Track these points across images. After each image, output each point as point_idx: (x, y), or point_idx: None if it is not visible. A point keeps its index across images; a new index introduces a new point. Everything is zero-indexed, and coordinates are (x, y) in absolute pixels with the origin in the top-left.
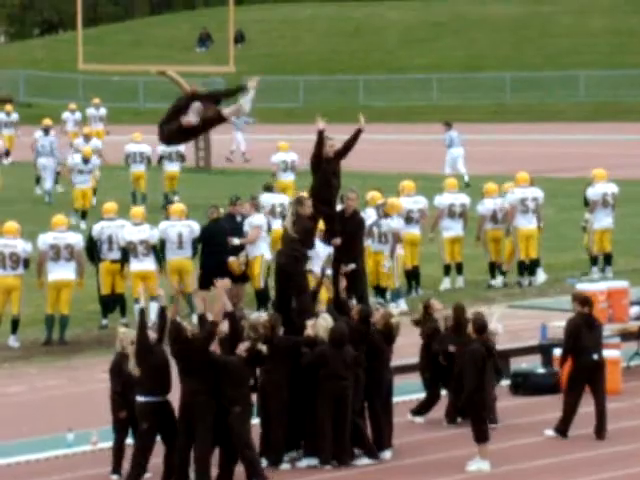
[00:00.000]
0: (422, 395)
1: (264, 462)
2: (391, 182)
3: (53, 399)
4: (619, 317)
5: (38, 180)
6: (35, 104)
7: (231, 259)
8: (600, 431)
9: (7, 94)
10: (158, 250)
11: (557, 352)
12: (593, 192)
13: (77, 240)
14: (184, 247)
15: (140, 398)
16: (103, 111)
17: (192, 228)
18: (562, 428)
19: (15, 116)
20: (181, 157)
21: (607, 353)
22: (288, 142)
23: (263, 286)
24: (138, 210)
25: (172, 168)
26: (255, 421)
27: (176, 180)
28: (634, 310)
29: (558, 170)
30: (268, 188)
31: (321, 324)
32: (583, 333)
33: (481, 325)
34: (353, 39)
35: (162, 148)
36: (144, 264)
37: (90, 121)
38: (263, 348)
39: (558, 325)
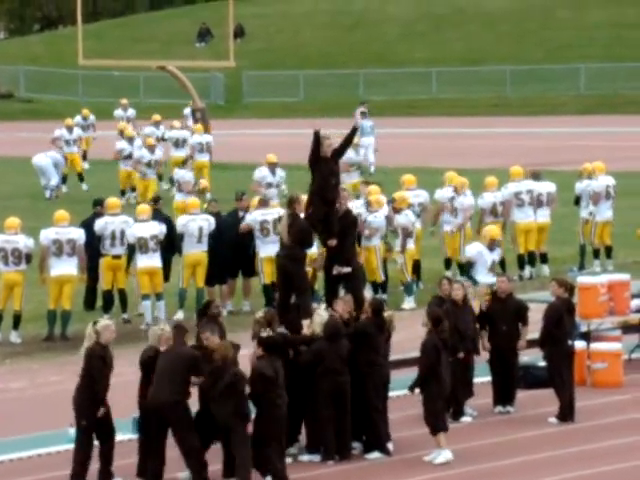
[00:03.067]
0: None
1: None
2: (391, 176)
3: (55, 394)
4: (620, 310)
5: (65, 179)
6: (36, 100)
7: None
8: (571, 414)
9: (7, 90)
10: (178, 244)
11: None
12: (597, 185)
13: (79, 235)
14: (202, 241)
15: None
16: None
17: (210, 222)
18: (562, 416)
19: (92, 119)
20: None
21: (609, 346)
22: (288, 136)
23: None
24: (144, 207)
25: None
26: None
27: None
28: (635, 303)
29: (559, 163)
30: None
31: (316, 321)
32: (565, 319)
33: (436, 318)
34: (352, 33)
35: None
36: (152, 260)
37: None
38: None
39: None
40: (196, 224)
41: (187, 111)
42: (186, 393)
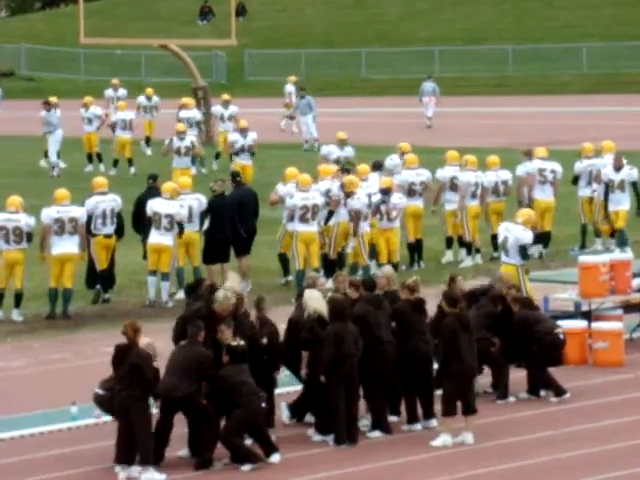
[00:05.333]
0: None
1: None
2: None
3: (57, 373)
4: (622, 289)
5: (46, 154)
6: (37, 78)
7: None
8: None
9: (8, 68)
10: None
11: (560, 324)
12: (602, 163)
13: (81, 214)
14: (193, 220)
15: None
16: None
17: (200, 201)
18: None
19: (156, 100)
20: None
21: (610, 325)
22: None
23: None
24: (169, 185)
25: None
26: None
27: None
28: (637, 282)
29: (561, 142)
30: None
31: (311, 298)
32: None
33: (452, 298)
34: (355, 11)
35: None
36: (164, 238)
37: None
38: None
39: (560, 297)
40: (185, 203)
41: (289, 88)
42: (199, 386)
